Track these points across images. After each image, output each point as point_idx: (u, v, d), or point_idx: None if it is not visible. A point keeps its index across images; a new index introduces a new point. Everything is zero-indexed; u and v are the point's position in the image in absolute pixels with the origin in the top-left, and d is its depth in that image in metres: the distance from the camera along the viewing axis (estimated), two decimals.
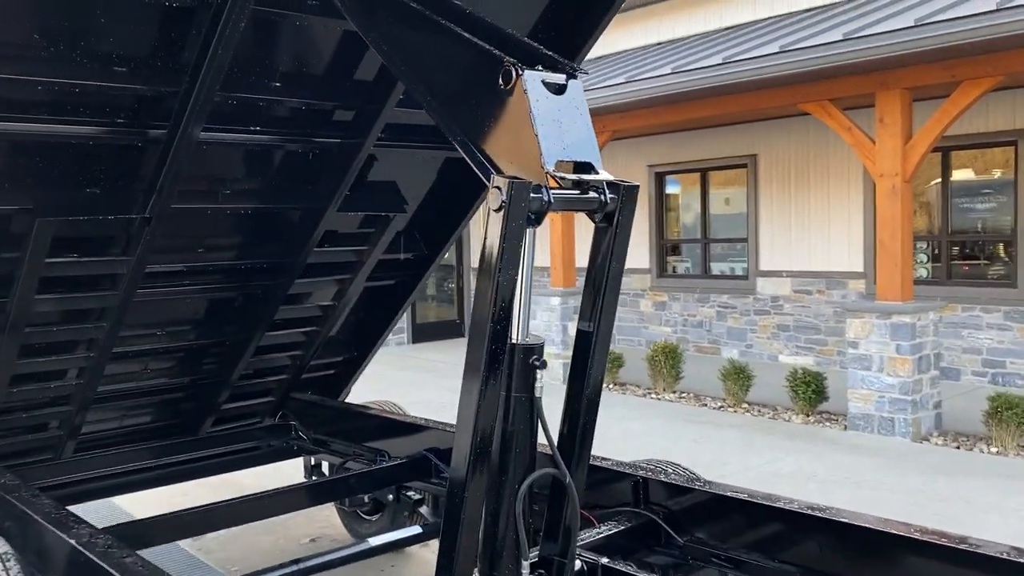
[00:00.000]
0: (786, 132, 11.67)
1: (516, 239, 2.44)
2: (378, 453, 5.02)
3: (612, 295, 2.80)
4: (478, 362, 2.52)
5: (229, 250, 4.42)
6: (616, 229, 2.71)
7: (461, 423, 2.62)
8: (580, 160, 2.60)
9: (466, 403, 2.59)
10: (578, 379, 2.90)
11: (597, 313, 2.81)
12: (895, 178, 7.81)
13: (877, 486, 6.44)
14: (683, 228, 13.56)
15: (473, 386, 2.54)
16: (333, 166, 4.15)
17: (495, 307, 2.46)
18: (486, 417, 2.57)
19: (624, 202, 2.69)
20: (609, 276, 2.77)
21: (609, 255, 2.74)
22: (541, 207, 2.48)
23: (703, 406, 9.51)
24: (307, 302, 4.99)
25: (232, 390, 5.32)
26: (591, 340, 2.83)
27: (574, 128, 2.60)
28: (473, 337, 2.54)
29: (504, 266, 2.43)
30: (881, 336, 7.83)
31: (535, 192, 2.46)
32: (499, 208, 2.39)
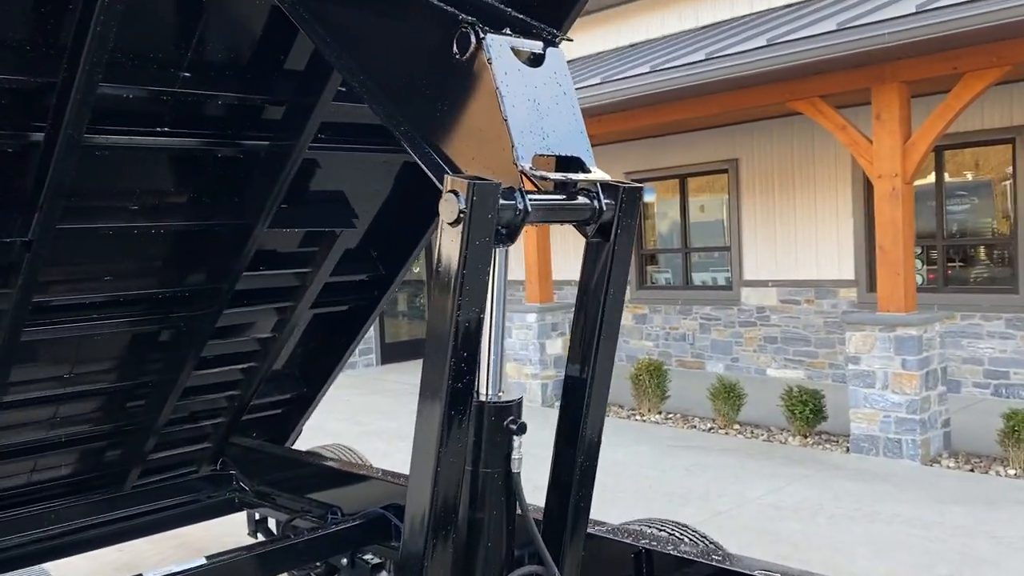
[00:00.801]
0: (769, 135, 11.11)
1: (480, 263, 1.76)
2: (329, 509, 4.30)
3: (610, 330, 2.13)
4: (431, 431, 1.84)
5: (142, 277, 3.70)
6: (614, 246, 2.04)
7: (412, 510, 1.93)
8: (565, 155, 1.93)
9: (417, 484, 1.91)
10: (568, 440, 2.22)
11: (592, 355, 2.13)
12: (895, 179, 7.24)
13: (891, 519, 5.82)
14: (662, 237, 12.96)
15: (425, 462, 1.86)
16: (262, 174, 3.46)
17: (454, 358, 1.77)
18: (443, 503, 1.88)
19: (624, 209, 2.02)
20: (606, 306, 2.09)
21: (606, 279, 2.07)
22: (514, 218, 1.81)
23: (692, 428, 8.87)
24: (242, 335, 4.28)
25: (160, 437, 4.59)
26: (585, 390, 2.16)
27: (556, 112, 1.93)
28: (425, 395, 1.86)
29: (465, 302, 1.75)
30: (885, 351, 7.23)
31: (505, 198, 1.79)
32: (456, 221, 1.71)
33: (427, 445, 1.85)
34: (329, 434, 8.98)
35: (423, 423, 1.85)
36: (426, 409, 1.84)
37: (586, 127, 2.02)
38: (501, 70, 1.83)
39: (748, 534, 5.66)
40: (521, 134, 1.81)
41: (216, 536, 6.00)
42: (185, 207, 3.52)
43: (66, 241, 3.23)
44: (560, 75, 1.95)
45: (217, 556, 4.12)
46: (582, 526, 2.34)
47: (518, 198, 1.80)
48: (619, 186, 1.99)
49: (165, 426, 4.51)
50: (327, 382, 5.01)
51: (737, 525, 5.85)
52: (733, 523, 5.89)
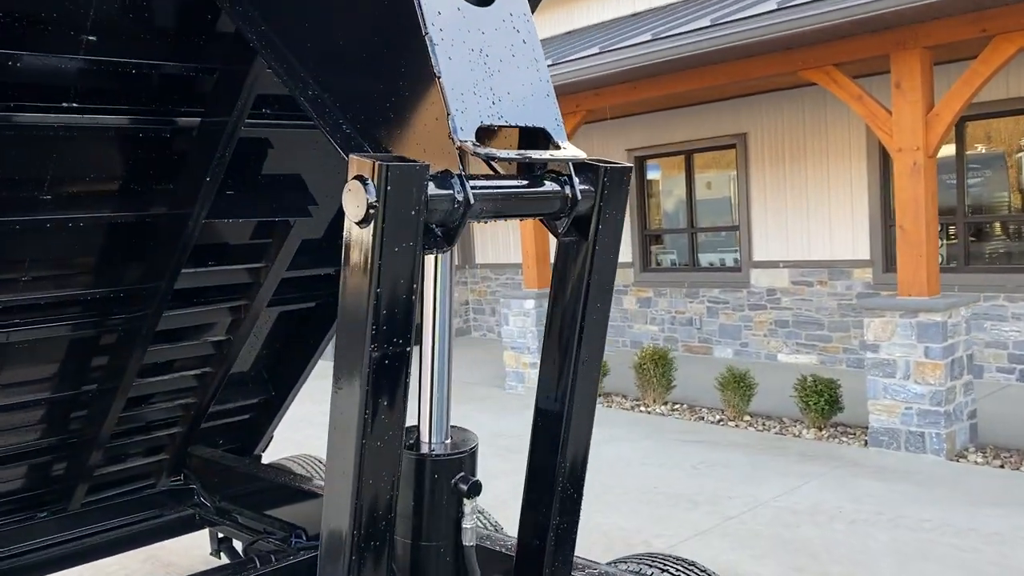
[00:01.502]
0: (779, 107, 10.54)
1: (401, 276, 1.27)
2: (293, 531, 3.85)
3: (592, 352, 1.64)
4: (343, 501, 1.36)
5: (66, 277, 3.22)
6: (594, 245, 1.54)
7: None
8: (525, 125, 1.44)
9: (331, 560, 1.43)
10: (538, 496, 1.73)
11: (569, 383, 1.64)
12: (916, 153, 6.70)
13: (918, 525, 5.34)
14: (667, 216, 12.43)
15: (336, 550, 1.38)
16: (195, 156, 2.96)
17: (368, 408, 1.29)
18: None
19: (607, 197, 1.52)
20: (586, 322, 1.60)
21: (584, 288, 1.57)
22: (452, 213, 1.32)
23: (699, 419, 8.39)
24: (192, 338, 3.80)
25: (109, 450, 4.14)
26: (560, 429, 1.67)
27: (512, 68, 1.43)
28: (335, 450, 1.38)
29: (379, 330, 1.25)
30: (906, 338, 6.72)
31: (439, 185, 1.30)
32: (365, 219, 1.21)
33: (339, 520, 1.37)
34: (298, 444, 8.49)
35: (334, 490, 1.37)
36: (336, 471, 1.35)
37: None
38: (433, 9, 1.33)
39: (762, 543, 5.19)
40: (461, 97, 1.31)
41: (183, 548, 5.57)
42: (109, 196, 3.03)
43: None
44: (517, 17, 1.45)
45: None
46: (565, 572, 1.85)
47: (456, 185, 1.31)
48: (600, 166, 1.49)
49: (113, 438, 4.06)
50: (296, 385, 4.54)
51: (749, 532, 5.38)
52: (745, 529, 5.42)
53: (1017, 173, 9.14)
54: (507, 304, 10.17)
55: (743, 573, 4.79)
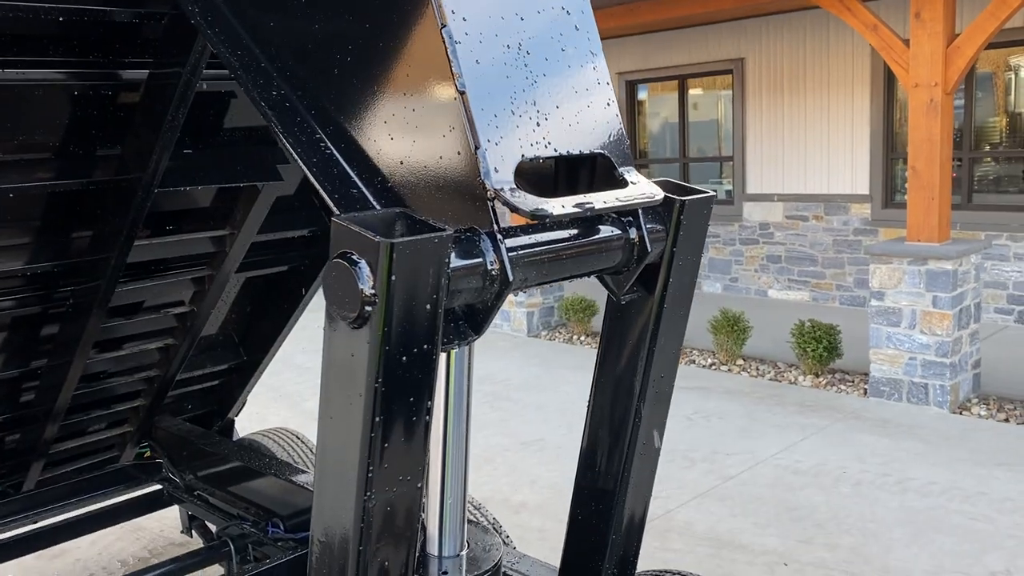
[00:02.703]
0: (779, 31, 9.99)
1: (414, 393, 0.87)
2: (269, 516, 3.53)
3: (649, 433, 1.27)
4: None
5: (4, 250, 2.78)
6: (661, 302, 1.15)
7: None
8: (580, 152, 1.02)
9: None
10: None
11: (618, 468, 1.28)
12: (934, 89, 6.27)
13: (927, 488, 5.13)
14: (657, 144, 11.94)
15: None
16: (144, 113, 2.51)
17: (358, 566, 0.90)
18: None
19: (682, 241, 1.12)
20: (645, 399, 1.22)
21: (645, 355, 1.19)
22: (484, 290, 0.91)
23: (691, 362, 8.13)
24: (149, 311, 3.39)
25: (67, 426, 3.78)
26: (610, 514, 1.31)
27: (562, 65, 1.01)
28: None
29: (380, 473, 0.86)
30: (914, 286, 6.42)
31: (463, 254, 0.88)
32: (359, 319, 0.80)
33: None
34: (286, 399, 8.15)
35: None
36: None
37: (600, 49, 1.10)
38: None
39: (765, 508, 4.96)
40: (494, 120, 0.90)
41: (157, 513, 5.27)
42: (46, 162, 2.58)
43: None
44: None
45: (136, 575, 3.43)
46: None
47: (488, 251, 0.90)
48: (675, 201, 1.09)
49: (69, 412, 3.69)
50: (270, 350, 4.16)
51: (751, 495, 5.15)
52: (746, 492, 5.19)
53: (1020, 105, 8.74)
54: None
55: (747, 544, 4.56)
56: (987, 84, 8.95)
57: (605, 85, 1.07)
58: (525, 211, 0.91)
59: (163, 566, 3.54)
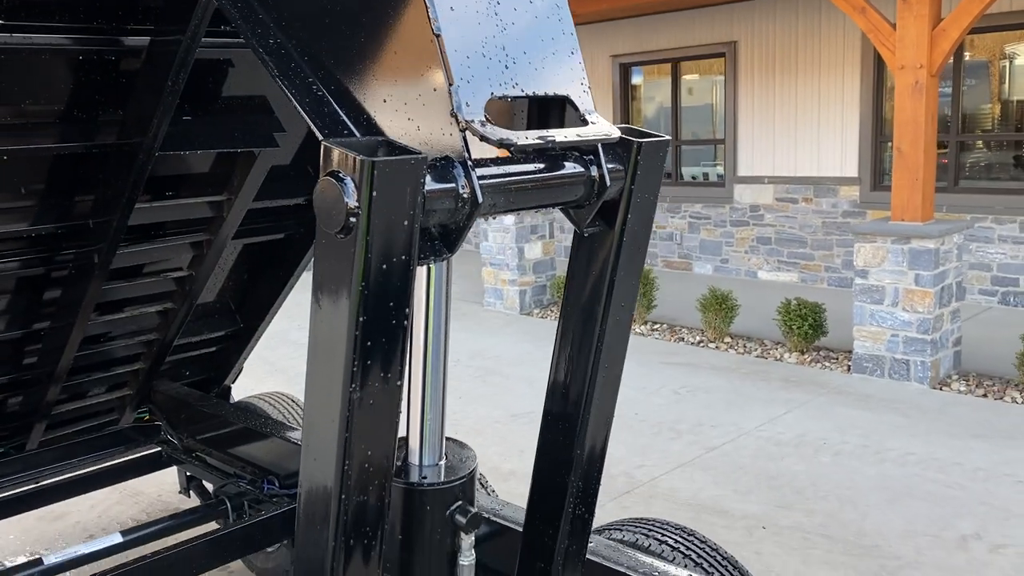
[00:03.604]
0: (771, 14, 10.08)
1: (393, 298, 1.00)
2: (264, 475, 3.67)
3: (613, 364, 1.40)
4: (318, 548, 1.13)
5: (8, 212, 2.90)
6: (621, 236, 1.28)
7: None
8: (544, 94, 1.15)
9: None
10: (548, 513, 1.51)
11: (584, 386, 1.41)
12: (919, 71, 6.38)
13: (903, 458, 5.28)
14: (650, 126, 12.03)
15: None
16: (145, 79, 2.62)
17: (348, 460, 1.04)
18: None
19: (640, 179, 1.24)
20: (607, 327, 1.35)
21: (607, 286, 1.32)
22: (456, 212, 1.04)
23: (679, 340, 8.27)
24: (149, 274, 3.51)
25: (69, 387, 3.90)
26: (574, 433, 1.44)
27: (529, 15, 1.13)
28: (310, 500, 1.14)
29: (363, 367, 0.99)
30: (897, 264, 6.56)
31: (438, 178, 1.01)
32: (345, 229, 0.93)
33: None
34: (284, 343, 8.33)
35: (304, 538, 1.13)
36: (309, 522, 1.11)
37: (570, 4, 1.22)
38: None
39: (745, 477, 5.11)
40: (466, 61, 1.02)
41: (155, 478, 5.40)
42: (50, 125, 2.68)
43: None
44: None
45: (134, 531, 3.55)
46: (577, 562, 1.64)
47: (460, 177, 1.03)
48: (633, 142, 1.21)
49: (71, 374, 3.82)
50: (266, 317, 4.29)
51: (733, 464, 5.30)
52: (728, 462, 5.34)
53: (1013, 91, 8.85)
54: (486, 219, 9.87)
55: (728, 510, 4.71)
56: (976, 71, 9.06)
57: (570, 36, 1.19)
58: (492, 140, 1.03)
59: (161, 522, 3.67)
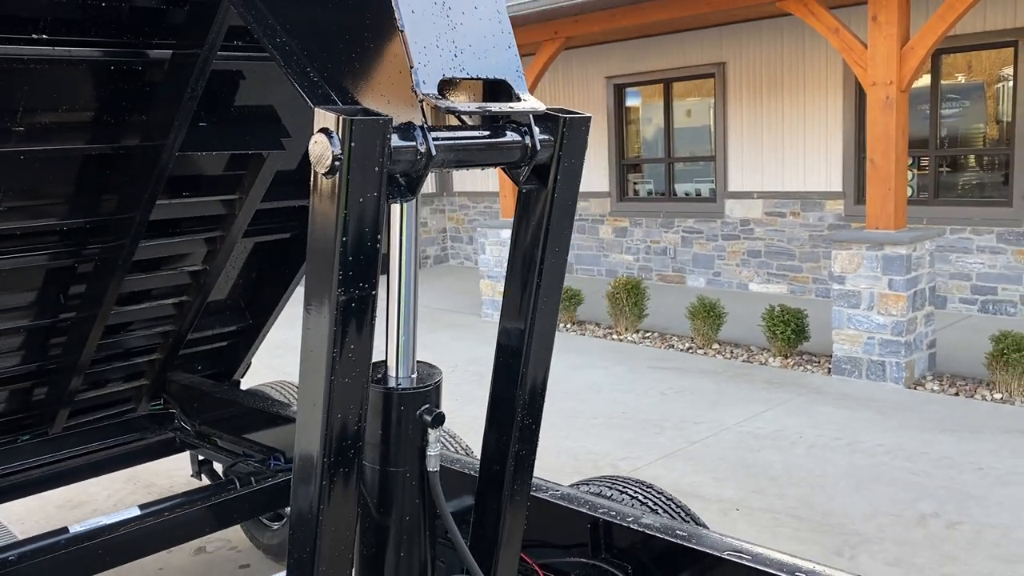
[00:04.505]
0: (758, 37, 10.49)
1: (367, 225, 1.35)
2: (272, 453, 3.99)
3: (549, 298, 1.74)
4: (313, 428, 1.46)
5: (42, 207, 3.25)
6: (553, 193, 1.62)
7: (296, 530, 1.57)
8: (486, 77, 1.50)
9: (300, 498, 1.54)
10: (499, 425, 1.85)
11: (526, 323, 1.74)
12: (889, 87, 6.75)
13: (873, 449, 5.58)
14: (645, 145, 12.43)
15: (308, 474, 1.49)
16: (167, 88, 2.98)
17: (337, 347, 1.38)
18: (336, 522, 1.52)
19: (567, 148, 1.59)
20: (544, 267, 1.69)
21: (543, 235, 1.66)
22: (415, 164, 1.39)
23: (669, 347, 8.59)
24: (169, 267, 3.87)
25: (90, 376, 4.24)
26: (518, 365, 1.78)
27: (474, 19, 1.48)
28: (306, 386, 1.47)
29: (346, 276, 1.34)
30: (872, 270, 6.89)
31: (402, 137, 1.36)
32: (331, 170, 1.28)
33: (308, 457, 1.47)
34: (288, 351, 8.67)
35: (305, 425, 1.47)
36: (307, 401, 1.45)
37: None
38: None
39: (724, 466, 5.42)
40: (424, 51, 1.37)
41: (164, 471, 5.73)
42: (82, 128, 3.04)
43: None
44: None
45: (153, 505, 3.85)
46: (523, 495, 1.97)
47: (419, 137, 1.37)
48: (559, 117, 1.56)
49: (93, 364, 4.16)
50: (273, 313, 4.63)
51: (712, 455, 5.60)
52: (708, 453, 5.65)
53: (987, 106, 9.21)
54: (483, 233, 10.23)
55: (704, 495, 5.01)
56: (953, 89, 9.43)
57: (508, 34, 1.53)
58: (441, 108, 1.37)
59: (175, 498, 3.99)
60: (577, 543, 2.69)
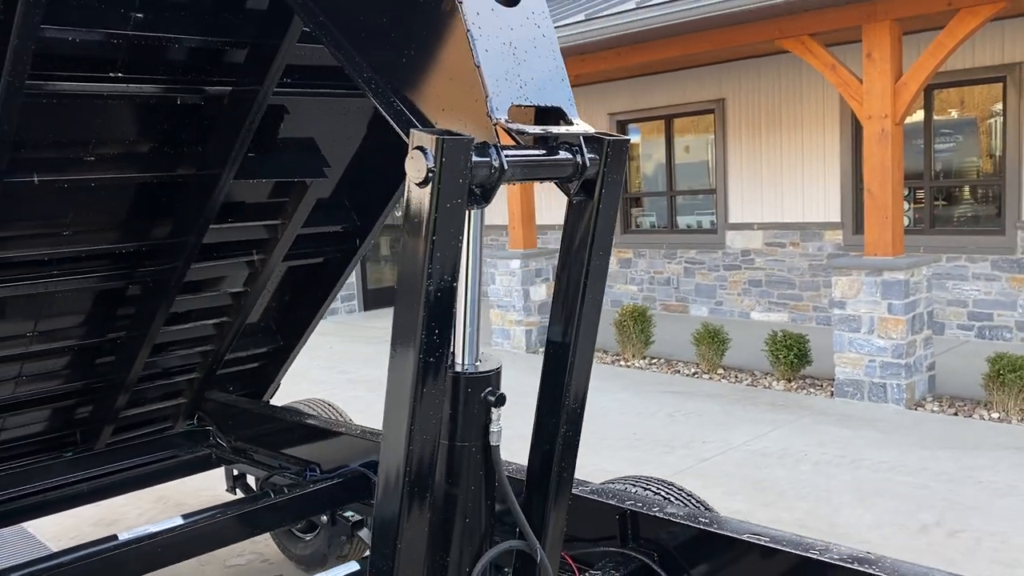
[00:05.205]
0: (756, 74, 10.87)
1: (452, 227, 1.61)
2: (307, 466, 4.21)
3: (595, 293, 2.00)
4: (403, 405, 1.71)
5: (104, 232, 3.52)
6: (598, 203, 1.89)
7: (385, 467, 1.81)
8: (545, 105, 1.77)
9: (391, 457, 1.78)
10: (551, 405, 2.10)
11: (575, 318, 2.00)
12: (884, 120, 7.07)
13: (876, 466, 5.80)
14: (647, 180, 12.77)
15: (398, 436, 1.73)
16: (225, 121, 3.27)
17: (425, 330, 1.63)
18: (419, 463, 1.76)
19: (610, 164, 1.87)
20: (591, 267, 1.96)
21: (590, 239, 1.93)
22: (489, 177, 1.66)
23: (676, 373, 8.83)
24: (212, 289, 4.13)
25: (133, 394, 4.46)
26: (568, 354, 2.03)
27: (535, 58, 1.76)
28: (396, 366, 1.73)
29: (436, 269, 1.60)
30: (871, 295, 7.15)
31: (480, 154, 1.63)
32: (424, 181, 1.55)
33: (398, 423, 1.72)
34: (312, 382, 8.91)
35: (394, 399, 1.72)
36: (397, 383, 1.71)
37: (570, 66, 1.85)
38: (472, 10, 1.65)
39: (733, 482, 5.63)
40: (496, 83, 1.64)
41: (193, 491, 5.93)
42: (146, 157, 3.32)
43: (17, 195, 3.05)
44: (538, 15, 1.77)
45: (194, 514, 4.04)
46: (565, 491, 2.23)
47: (493, 154, 1.64)
48: (604, 139, 1.83)
49: (137, 382, 4.39)
50: (304, 335, 4.88)
51: (722, 472, 5.82)
52: (718, 470, 5.86)
53: (979, 139, 9.55)
54: (494, 264, 10.51)
55: (715, 507, 5.20)
56: (948, 124, 9.78)
57: (561, 69, 1.80)
58: (512, 130, 1.64)
59: (215, 508, 4.20)
60: (606, 536, 2.92)
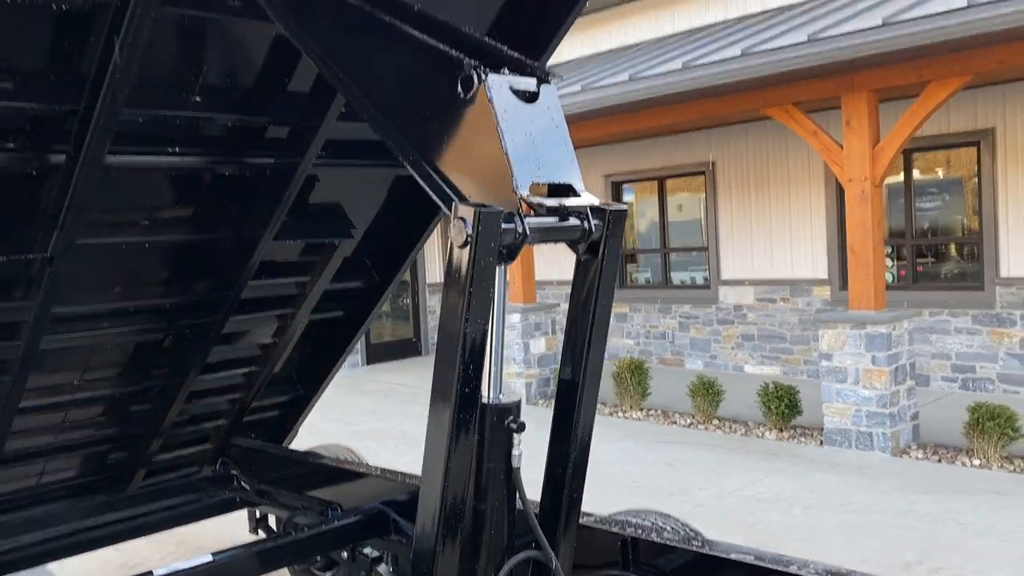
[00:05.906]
0: (744, 138, 11.40)
1: (485, 280, 1.99)
2: (328, 506, 4.51)
3: (599, 339, 2.37)
4: (442, 430, 2.07)
5: (151, 288, 3.89)
6: (602, 262, 2.28)
7: (424, 509, 2.15)
8: (558, 182, 2.16)
9: (431, 477, 2.13)
10: (561, 439, 2.45)
11: (582, 361, 2.37)
12: (864, 183, 7.53)
13: (864, 509, 6.10)
14: (641, 237, 13.23)
15: (437, 457, 2.08)
16: (267, 189, 3.66)
17: (462, 365, 2.00)
18: (453, 494, 2.11)
19: (611, 229, 2.26)
20: (596, 317, 2.33)
21: (595, 292, 2.31)
22: (515, 240, 2.04)
23: (672, 424, 9.14)
24: (244, 340, 4.48)
25: (164, 440, 4.78)
26: (576, 393, 2.39)
27: (549, 143, 2.16)
28: (437, 397, 2.09)
29: (472, 315, 1.98)
30: (856, 347, 7.53)
31: (507, 222, 2.02)
32: (464, 243, 1.94)
33: (438, 446, 2.07)
34: (320, 434, 9.17)
35: (435, 425, 2.07)
36: (437, 411, 2.06)
37: (568, 132, 2.26)
38: (501, 107, 2.05)
39: (728, 525, 5.92)
40: (519, 165, 2.04)
41: (214, 534, 6.19)
42: (194, 221, 3.70)
43: (83, 255, 3.42)
44: (552, 110, 2.18)
45: (223, 552, 4.32)
46: (575, 518, 2.57)
47: (517, 222, 2.02)
48: (606, 208, 2.22)
49: (170, 428, 4.70)
50: (323, 385, 5.21)
51: (717, 516, 6.11)
52: (714, 514, 6.15)
53: (958, 199, 10.03)
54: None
55: None
56: (928, 185, 10.27)
57: (571, 151, 2.20)
58: (533, 204, 2.02)
59: (242, 546, 4.49)
60: (610, 561, 3.24)
